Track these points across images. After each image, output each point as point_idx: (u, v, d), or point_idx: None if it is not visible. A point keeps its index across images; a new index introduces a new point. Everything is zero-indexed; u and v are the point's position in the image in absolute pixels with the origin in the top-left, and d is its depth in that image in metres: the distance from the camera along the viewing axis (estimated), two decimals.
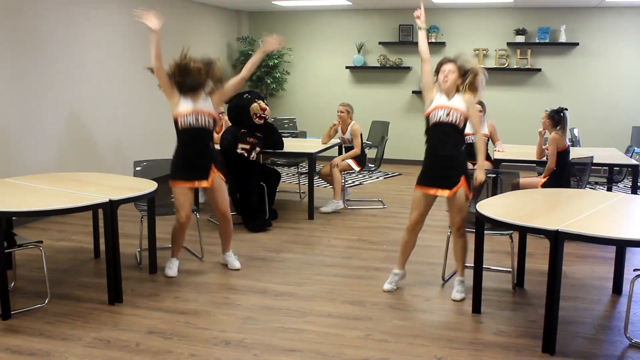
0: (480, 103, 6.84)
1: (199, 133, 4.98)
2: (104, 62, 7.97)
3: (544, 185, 6.14)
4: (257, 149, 6.88)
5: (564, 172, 6.29)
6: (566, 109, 6.37)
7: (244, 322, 4.31)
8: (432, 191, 4.60)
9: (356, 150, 7.61)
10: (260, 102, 6.77)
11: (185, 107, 4.92)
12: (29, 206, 4.35)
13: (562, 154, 6.25)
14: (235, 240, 6.22)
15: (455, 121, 4.52)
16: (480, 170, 4.61)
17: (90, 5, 7.67)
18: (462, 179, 4.56)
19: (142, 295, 4.77)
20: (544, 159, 6.50)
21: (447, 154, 4.57)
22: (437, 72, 4.63)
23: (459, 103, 4.53)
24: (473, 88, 4.55)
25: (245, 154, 6.77)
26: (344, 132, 7.73)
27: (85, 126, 7.68)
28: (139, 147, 8.54)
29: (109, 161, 8.09)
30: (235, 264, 5.42)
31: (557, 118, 6.30)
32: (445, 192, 4.56)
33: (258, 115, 6.71)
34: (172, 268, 5.24)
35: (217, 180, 5.13)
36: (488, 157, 6.46)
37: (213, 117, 5.04)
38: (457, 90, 4.58)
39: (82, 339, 4.01)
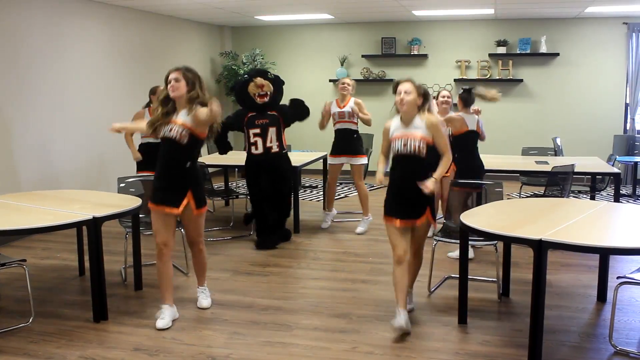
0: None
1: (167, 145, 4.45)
2: (87, 79, 7.96)
3: (454, 184, 5.69)
4: (273, 129, 6.32)
5: (471, 160, 6.19)
6: (472, 88, 6.22)
7: (230, 337, 4.29)
8: (397, 222, 4.24)
9: (368, 118, 6.96)
10: (257, 79, 6.30)
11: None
12: (12, 225, 4.32)
13: (465, 138, 6.13)
14: (220, 255, 6.22)
15: (415, 151, 4.14)
16: (431, 181, 4.11)
17: (72, 23, 7.66)
18: (428, 209, 4.27)
19: (127, 312, 4.74)
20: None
21: (411, 186, 4.17)
22: (394, 93, 4.23)
23: (418, 129, 4.14)
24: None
25: (260, 140, 6.33)
26: (342, 107, 7.03)
27: (69, 143, 7.64)
28: (122, 163, 8.50)
29: (93, 178, 8.05)
30: (204, 302, 4.81)
31: (468, 98, 6.13)
32: (410, 223, 4.27)
33: (257, 94, 6.30)
34: (164, 318, 4.48)
35: (188, 209, 4.47)
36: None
37: (189, 129, 4.37)
38: (419, 112, 4.19)
39: (67, 357, 3.97)
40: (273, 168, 6.45)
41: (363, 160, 7.13)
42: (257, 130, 6.35)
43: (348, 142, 7.09)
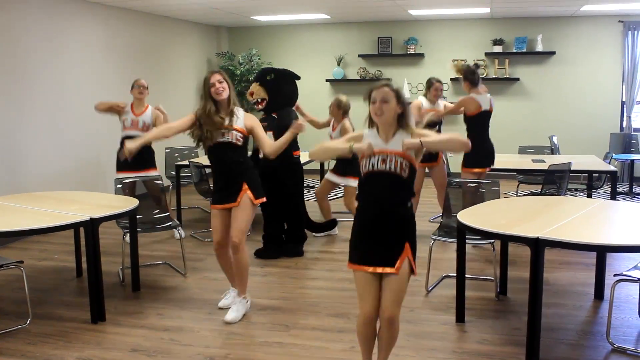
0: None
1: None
2: (83, 80, 7.95)
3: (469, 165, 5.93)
4: (270, 133, 5.85)
5: (487, 142, 6.33)
6: (476, 67, 6.35)
7: (228, 337, 4.30)
8: (369, 269, 3.32)
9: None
10: (253, 85, 6.18)
11: None
12: (9, 226, 4.31)
13: (479, 118, 6.30)
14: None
15: (396, 170, 3.28)
16: (414, 141, 3.24)
17: (69, 23, 7.66)
18: (406, 246, 3.31)
19: (125, 313, 4.74)
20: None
21: (387, 212, 3.33)
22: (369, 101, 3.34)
23: (400, 146, 3.28)
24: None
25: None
26: (333, 129, 6.97)
27: (66, 143, 7.64)
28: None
29: (90, 179, 8.04)
30: (230, 315, 4.61)
31: (473, 78, 6.26)
32: (387, 270, 3.28)
33: (252, 102, 6.18)
34: (225, 298, 4.93)
35: (244, 200, 4.58)
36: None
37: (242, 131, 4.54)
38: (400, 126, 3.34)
39: (64, 359, 3.97)
40: (273, 175, 6.03)
41: (337, 179, 6.94)
42: None
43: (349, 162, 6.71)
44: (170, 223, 5.78)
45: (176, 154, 8.35)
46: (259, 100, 6.09)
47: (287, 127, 4.86)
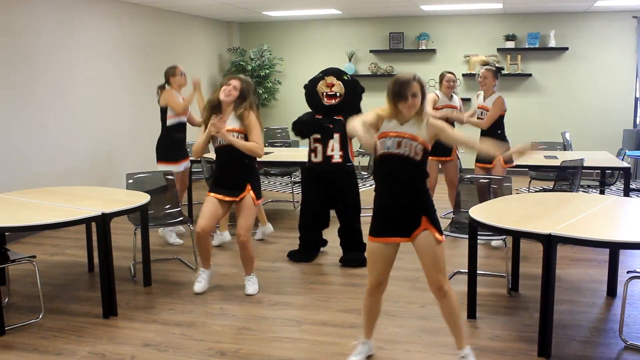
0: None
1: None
2: (95, 76, 7.97)
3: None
4: (337, 135, 5.59)
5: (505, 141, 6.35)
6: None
7: (239, 332, 4.30)
8: (385, 240, 3.57)
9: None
10: (329, 77, 5.69)
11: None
12: (21, 221, 4.34)
13: (501, 118, 6.51)
14: (230, 251, 6.24)
15: (410, 153, 3.46)
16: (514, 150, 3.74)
17: (79, 11, 7.68)
18: (424, 219, 3.51)
19: (136, 308, 4.76)
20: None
21: (402, 193, 3.54)
22: (400, 96, 3.42)
23: (416, 129, 3.47)
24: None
25: (320, 147, 5.64)
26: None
27: (77, 139, 7.66)
28: (131, 159, 8.52)
29: (102, 174, 8.07)
30: (249, 289, 5.03)
31: (498, 76, 6.46)
32: (397, 240, 3.57)
33: (325, 94, 5.66)
34: (200, 281, 5.09)
35: (247, 200, 4.90)
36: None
37: (242, 132, 4.86)
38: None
39: (77, 353, 3.99)
40: (331, 181, 5.72)
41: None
42: (318, 136, 5.65)
43: None
44: (181, 218, 5.81)
45: (187, 149, 8.34)
46: (338, 94, 5.64)
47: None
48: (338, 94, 5.63)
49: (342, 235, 5.91)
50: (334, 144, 5.61)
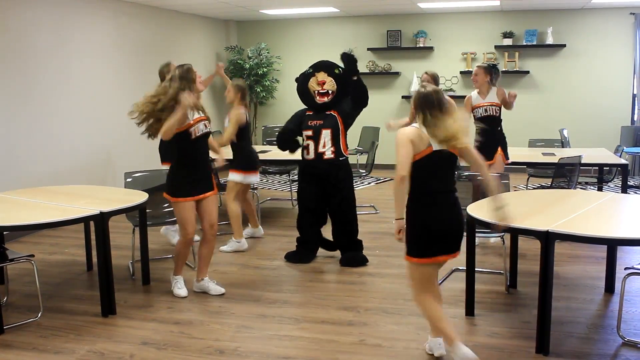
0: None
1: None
2: (93, 74, 7.97)
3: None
4: (327, 131, 5.51)
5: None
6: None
7: (238, 330, 4.31)
8: (442, 258, 3.66)
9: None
10: (320, 74, 5.56)
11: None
12: (20, 220, 4.34)
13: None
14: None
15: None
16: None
17: (77, 11, 7.67)
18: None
19: (135, 307, 4.76)
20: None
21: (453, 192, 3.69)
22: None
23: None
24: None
25: (312, 144, 5.56)
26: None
27: (75, 138, 7.66)
28: (129, 157, 8.52)
29: (100, 173, 8.07)
30: (220, 288, 5.00)
31: (493, 72, 6.43)
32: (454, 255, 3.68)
33: (317, 92, 5.56)
34: (182, 287, 5.01)
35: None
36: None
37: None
38: None
39: (75, 352, 3.99)
40: (325, 177, 5.62)
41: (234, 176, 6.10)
42: (310, 133, 5.57)
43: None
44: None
45: None
46: (330, 91, 5.56)
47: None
48: (330, 91, 5.55)
49: (338, 236, 5.82)
50: (325, 140, 5.53)
